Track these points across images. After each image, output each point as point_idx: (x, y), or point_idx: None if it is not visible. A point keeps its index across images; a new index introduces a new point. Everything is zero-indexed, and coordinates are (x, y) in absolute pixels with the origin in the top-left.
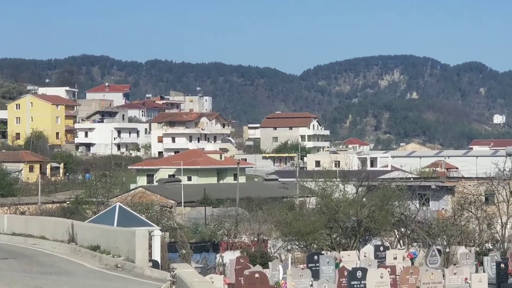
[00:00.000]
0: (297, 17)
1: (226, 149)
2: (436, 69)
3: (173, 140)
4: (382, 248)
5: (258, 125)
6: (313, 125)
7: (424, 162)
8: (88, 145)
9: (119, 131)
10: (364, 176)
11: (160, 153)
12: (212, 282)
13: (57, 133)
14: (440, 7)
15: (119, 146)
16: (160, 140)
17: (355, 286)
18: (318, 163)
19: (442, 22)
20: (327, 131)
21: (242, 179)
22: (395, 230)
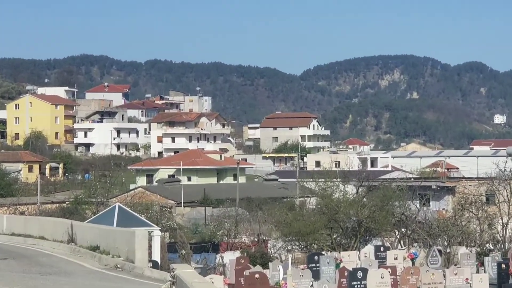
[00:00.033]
0: (297, 17)
1: (226, 149)
2: (437, 69)
3: (173, 140)
4: (383, 249)
5: (258, 125)
6: (313, 125)
7: (425, 162)
8: (88, 145)
9: (119, 131)
10: (365, 176)
11: (160, 153)
12: (212, 283)
13: (56, 133)
14: (440, 7)
15: (119, 146)
16: (160, 140)
17: (356, 287)
18: (318, 163)
19: (443, 22)
20: (327, 131)
21: (242, 179)
22: (396, 231)
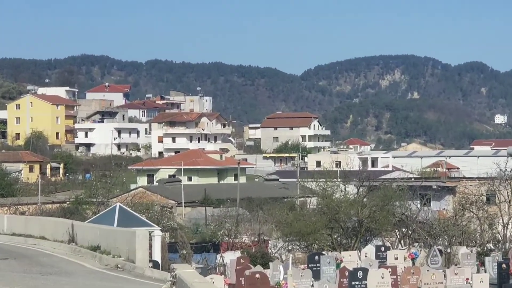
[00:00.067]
0: (297, 17)
1: (227, 149)
2: (437, 69)
3: (174, 140)
4: (383, 249)
5: (259, 125)
6: (314, 125)
7: (425, 162)
8: (88, 145)
9: (119, 131)
10: (365, 176)
11: (161, 153)
12: (213, 283)
13: (57, 133)
14: (441, 7)
15: (119, 146)
16: (161, 140)
17: (356, 287)
18: (319, 163)
19: (443, 22)
20: (328, 131)
21: (243, 179)
22: (396, 230)
